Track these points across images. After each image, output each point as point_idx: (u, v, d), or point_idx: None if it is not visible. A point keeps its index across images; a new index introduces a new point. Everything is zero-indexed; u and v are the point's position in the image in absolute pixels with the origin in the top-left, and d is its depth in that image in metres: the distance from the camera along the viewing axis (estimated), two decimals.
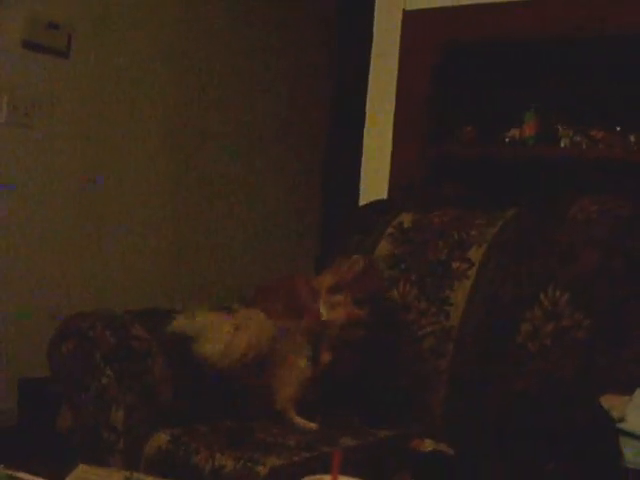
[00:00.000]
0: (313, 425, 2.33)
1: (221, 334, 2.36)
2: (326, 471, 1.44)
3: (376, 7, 3.38)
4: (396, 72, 3.30)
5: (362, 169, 3.38)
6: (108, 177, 3.69)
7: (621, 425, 1.92)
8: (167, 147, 3.89)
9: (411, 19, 3.28)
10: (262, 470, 2.03)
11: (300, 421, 2.33)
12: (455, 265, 2.64)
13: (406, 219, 2.84)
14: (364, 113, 3.40)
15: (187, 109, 3.94)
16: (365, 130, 3.39)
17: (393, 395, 2.52)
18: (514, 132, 3.27)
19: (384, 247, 2.80)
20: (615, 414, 1.97)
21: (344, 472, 1.45)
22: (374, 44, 3.37)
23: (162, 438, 2.22)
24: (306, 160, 4.37)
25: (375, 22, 3.38)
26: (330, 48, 4.36)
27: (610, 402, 2.03)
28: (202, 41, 4.00)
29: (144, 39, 3.79)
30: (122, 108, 3.74)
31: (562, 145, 3.17)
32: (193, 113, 3.96)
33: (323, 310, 2.33)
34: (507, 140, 3.28)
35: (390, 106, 3.30)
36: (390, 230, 2.83)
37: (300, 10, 4.30)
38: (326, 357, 2.36)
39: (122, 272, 3.71)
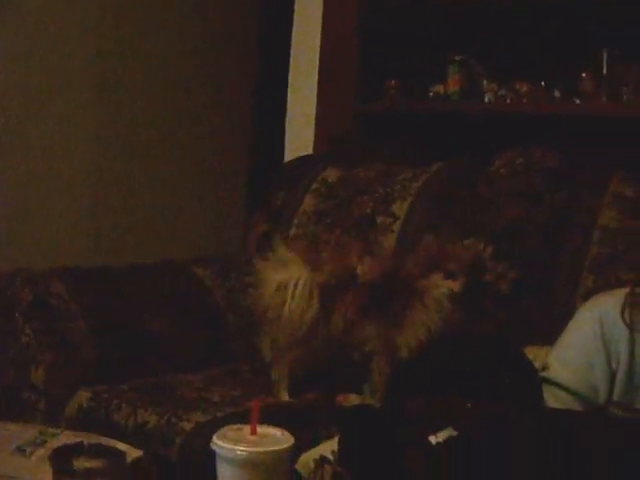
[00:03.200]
0: None
1: None
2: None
3: None
4: (320, 27, 3.27)
5: (286, 125, 3.35)
6: (31, 133, 3.61)
7: (543, 373, 1.94)
8: (93, 106, 3.81)
9: None
10: (186, 425, 2.02)
11: None
12: (380, 219, 2.63)
13: (331, 174, 2.83)
14: (288, 69, 3.37)
15: (112, 71, 3.86)
16: (289, 85, 3.36)
17: None
18: (438, 87, 3.26)
19: (309, 202, 2.79)
20: (538, 364, 1.99)
21: (268, 425, 1.44)
22: None
23: (83, 396, 2.20)
24: (232, 117, 4.33)
25: None
26: (252, 2, 4.31)
27: (534, 353, 2.05)
28: (125, 13, 3.92)
29: (71, 7, 3.70)
30: (46, 74, 3.65)
31: (486, 100, 3.17)
32: (119, 70, 3.88)
33: None
34: (431, 95, 3.27)
35: (314, 61, 3.27)
36: (315, 185, 2.82)
37: None
38: None
39: (44, 230, 3.64)
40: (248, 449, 1.34)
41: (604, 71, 2.98)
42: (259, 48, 4.24)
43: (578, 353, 1.92)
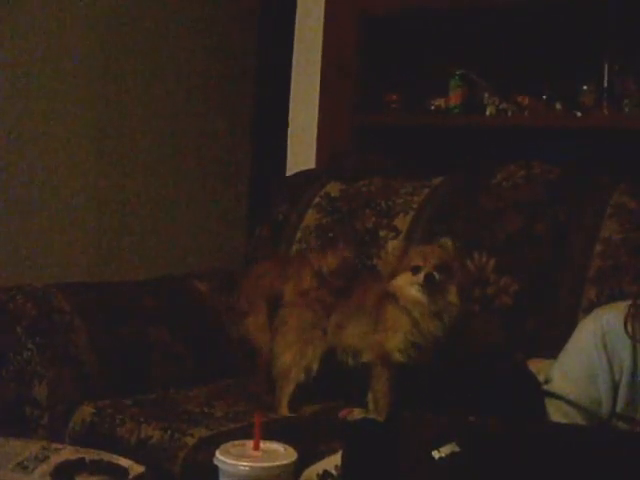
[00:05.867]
0: None
1: None
2: None
3: None
4: (321, 41, 3.28)
5: (289, 139, 3.36)
6: (32, 151, 3.61)
7: (546, 387, 1.94)
8: (93, 120, 3.81)
9: None
10: (190, 441, 2.01)
11: None
12: (382, 233, 2.64)
13: (333, 189, 2.84)
14: (289, 84, 3.37)
15: (113, 81, 3.87)
16: (291, 100, 3.36)
17: None
18: (440, 101, 3.26)
19: (311, 217, 2.80)
20: (541, 377, 1.99)
21: (271, 440, 1.44)
22: (298, 13, 3.33)
23: (86, 411, 2.19)
24: (234, 131, 4.33)
25: None
26: (252, 18, 4.32)
27: (537, 366, 2.06)
28: (126, 19, 3.92)
29: (69, 16, 3.69)
30: (48, 83, 3.66)
31: (488, 113, 3.17)
32: (119, 83, 3.88)
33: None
34: (432, 108, 3.27)
35: (315, 75, 3.28)
36: (317, 200, 2.83)
37: None
38: None
39: (45, 245, 3.64)
40: (251, 464, 1.34)
41: (605, 84, 2.99)
42: (259, 63, 4.25)
43: (580, 365, 1.92)
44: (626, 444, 1.43)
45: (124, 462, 1.46)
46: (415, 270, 2.10)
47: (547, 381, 1.96)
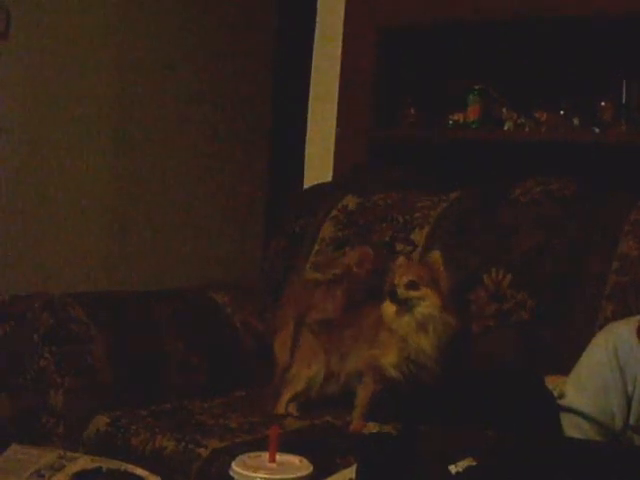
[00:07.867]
0: None
1: None
2: None
3: None
4: (339, 56, 3.28)
5: (306, 152, 3.36)
6: (49, 159, 3.63)
7: (560, 401, 1.94)
8: (109, 128, 3.83)
9: (354, 1, 3.27)
10: (203, 452, 2.01)
11: None
12: (399, 247, 2.64)
13: (350, 202, 2.84)
14: (307, 97, 3.38)
15: (130, 89, 3.88)
16: (309, 113, 3.37)
17: None
18: (458, 116, 3.26)
19: (328, 229, 2.80)
20: (557, 392, 1.99)
21: (286, 452, 1.44)
22: (317, 27, 3.34)
23: (101, 421, 2.20)
24: (251, 144, 4.35)
25: (318, 5, 3.36)
26: (271, 30, 4.33)
27: (555, 382, 2.06)
28: (144, 25, 3.94)
29: (86, 20, 3.72)
30: (63, 91, 3.68)
31: (505, 128, 3.17)
32: (136, 92, 3.90)
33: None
34: (450, 123, 3.27)
35: (333, 89, 3.28)
36: (334, 213, 2.83)
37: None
38: None
39: (62, 254, 3.65)
40: (267, 477, 1.33)
41: (623, 100, 2.98)
42: (278, 76, 4.26)
43: (593, 379, 1.93)
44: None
45: (140, 472, 1.47)
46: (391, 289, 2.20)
47: (561, 396, 1.96)
